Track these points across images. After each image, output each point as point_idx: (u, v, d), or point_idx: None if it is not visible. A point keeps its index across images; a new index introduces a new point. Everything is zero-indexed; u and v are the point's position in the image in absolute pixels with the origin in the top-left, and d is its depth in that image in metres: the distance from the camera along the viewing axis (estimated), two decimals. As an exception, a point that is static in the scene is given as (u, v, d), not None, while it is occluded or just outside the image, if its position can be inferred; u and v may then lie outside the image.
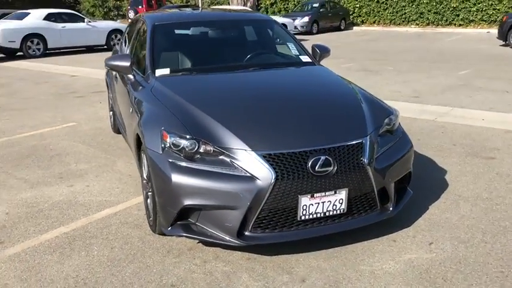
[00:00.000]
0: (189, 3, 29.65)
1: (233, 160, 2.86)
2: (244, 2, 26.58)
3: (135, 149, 3.64)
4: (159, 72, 3.85)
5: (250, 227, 2.87)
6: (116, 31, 17.39)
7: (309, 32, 22.32)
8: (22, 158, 5.17)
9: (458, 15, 22.34)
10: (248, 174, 2.80)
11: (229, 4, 28.29)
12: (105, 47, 17.09)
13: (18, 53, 15.37)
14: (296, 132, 3.03)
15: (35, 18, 15.54)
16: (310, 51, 4.58)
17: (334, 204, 2.94)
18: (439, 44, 16.64)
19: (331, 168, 2.87)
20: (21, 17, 15.71)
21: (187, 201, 2.85)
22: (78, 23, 16.40)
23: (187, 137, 2.94)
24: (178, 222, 2.98)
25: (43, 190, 4.26)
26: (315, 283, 2.79)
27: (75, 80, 10.66)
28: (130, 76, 4.03)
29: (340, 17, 24.04)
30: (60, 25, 15.79)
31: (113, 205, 3.91)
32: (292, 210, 2.88)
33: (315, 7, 23.26)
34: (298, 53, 4.42)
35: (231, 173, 2.83)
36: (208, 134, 2.96)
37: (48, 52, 15.72)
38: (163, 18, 4.58)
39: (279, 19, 16.33)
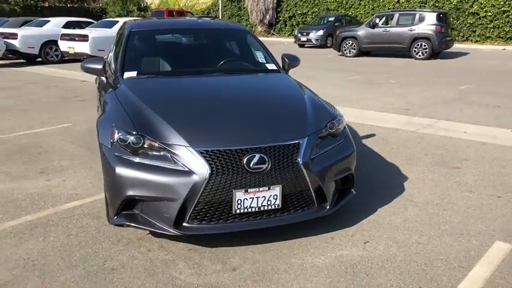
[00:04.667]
0: (209, 15, 30.24)
1: (173, 156, 3.08)
2: (263, 15, 27.06)
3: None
4: (127, 74, 4.12)
5: (187, 218, 3.07)
6: None
7: (323, 46, 22.52)
8: (11, 154, 5.50)
9: (474, 32, 22.22)
10: (186, 169, 3.02)
11: (248, 17, 28.81)
12: None
13: (38, 59, 15.98)
14: (235, 131, 3.24)
15: (53, 25, 16.19)
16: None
17: (268, 200, 3.13)
18: (450, 60, 16.63)
19: (266, 165, 3.07)
20: (41, 24, 16.40)
21: (129, 192, 3.07)
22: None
23: (133, 132, 3.17)
24: (123, 212, 3.20)
25: (21, 183, 4.55)
26: (244, 272, 2.97)
27: (84, 85, 11.09)
28: (103, 78, 4.31)
29: (355, 31, 24.15)
30: None
31: (81, 198, 4.17)
32: (227, 204, 3.08)
33: (331, 21, 23.47)
34: (265, 61, 4.64)
35: (170, 167, 3.05)
36: (153, 131, 3.19)
37: (66, 59, 16.24)
38: (141, 25, 4.87)
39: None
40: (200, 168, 3.00)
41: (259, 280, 2.89)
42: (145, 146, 3.15)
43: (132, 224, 3.17)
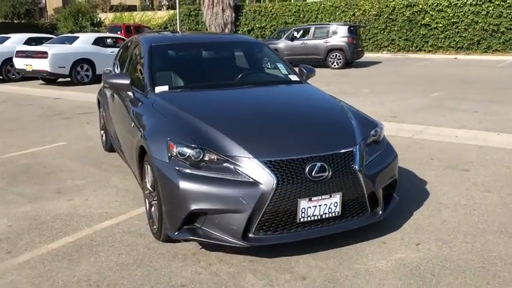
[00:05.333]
0: (167, 29, 30.04)
1: (236, 167, 3.08)
2: (222, 29, 27.21)
3: (137, 162, 3.82)
4: (158, 89, 4.07)
5: (253, 229, 3.08)
6: None
7: (285, 58, 22.90)
8: (16, 175, 5.27)
9: (427, 42, 23.31)
10: (251, 180, 3.03)
11: (207, 31, 28.88)
12: None
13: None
14: (293, 141, 3.29)
15: (14, 42, 15.55)
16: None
17: (329, 207, 3.19)
18: (410, 69, 17.35)
19: (326, 173, 3.13)
20: (1, 41, 15.70)
21: (194, 206, 3.05)
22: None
23: (193, 146, 3.16)
24: (185, 227, 3.16)
25: (43, 204, 4.37)
26: (315, 280, 3.00)
27: (59, 102, 10.75)
28: (130, 93, 4.23)
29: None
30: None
31: (114, 216, 4.06)
32: (292, 213, 3.11)
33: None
34: (287, 73, 4.72)
35: (235, 178, 3.05)
36: (212, 144, 3.18)
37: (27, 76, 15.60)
38: (159, 40, 4.84)
39: None
40: (266, 178, 3.02)
41: (334, 287, 2.93)
42: (206, 158, 3.14)
43: (197, 238, 3.14)
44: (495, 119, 7.94)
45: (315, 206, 3.14)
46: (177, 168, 3.13)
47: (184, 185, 3.05)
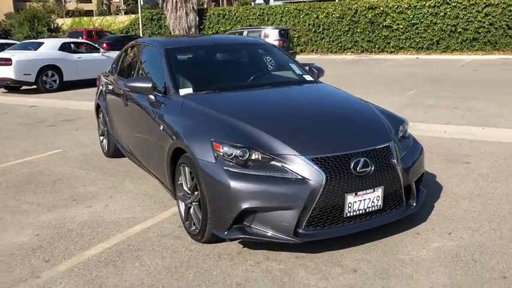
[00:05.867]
0: (128, 34, 29.57)
1: (284, 165, 3.14)
2: (186, 32, 27.04)
3: (168, 165, 3.80)
4: (183, 91, 4.06)
5: (303, 225, 3.13)
6: None
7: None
8: (22, 184, 5.10)
9: (389, 43, 24.02)
10: (300, 177, 3.09)
11: (170, 34, 28.65)
12: None
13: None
14: (335, 138, 3.38)
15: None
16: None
17: (373, 201, 3.29)
18: (377, 69, 17.84)
19: (369, 168, 3.23)
20: None
21: (246, 205, 3.08)
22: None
23: (239, 145, 3.19)
24: (234, 226, 3.19)
25: (63, 212, 4.26)
26: (366, 272, 3.09)
27: (36, 110, 10.43)
28: (151, 96, 4.19)
29: (280, 46, 25.06)
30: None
31: (142, 221, 4.01)
32: (339, 208, 3.19)
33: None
34: (301, 73, 4.81)
35: (284, 176, 3.10)
36: (257, 143, 3.22)
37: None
38: (172, 43, 4.81)
39: None
40: (315, 175, 3.09)
41: (386, 277, 3.02)
42: (252, 158, 3.17)
43: (248, 237, 3.16)
44: (475, 114, 8.31)
45: (360, 201, 3.23)
46: (225, 168, 3.15)
47: (235, 184, 3.08)
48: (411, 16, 23.18)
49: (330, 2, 25.21)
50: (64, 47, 14.99)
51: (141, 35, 28.80)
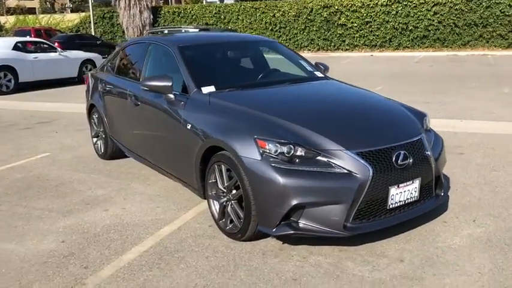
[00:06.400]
0: (79, 32, 28.57)
1: (330, 160, 3.18)
2: (140, 31, 26.49)
3: (199, 164, 3.74)
4: (206, 89, 4.01)
5: (351, 219, 3.19)
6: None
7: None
8: (22, 190, 4.85)
9: (344, 41, 24.61)
10: (347, 171, 3.15)
11: (123, 34, 27.97)
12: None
13: None
14: (374, 132, 3.46)
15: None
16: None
17: (411, 193, 3.40)
18: (338, 67, 18.23)
19: (409, 160, 3.34)
20: None
21: (296, 201, 3.09)
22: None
23: (284, 142, 3.20)
24: (283, 222, 3.19)
25: (80, 217, 4.10)
26: (413, 261, 3.19)
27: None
28: (171, 95, 4.11)
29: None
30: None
31: (168, 222, 3.93)
32: (382, 201, 3.27)
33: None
34: (311, 69, 4.87)
35: (332, 171, 3.15)
36: (300, 139, 3.24)
37: None
38: (184, 40, 4.72)
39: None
40: (362, 169, 3.15)
41: (434, 264, 3.14)
42: (298, 154, 3.19)
43: (298, 232, 3.18)
44: (448, 108, 8.70)
45: (401, 192, 3.33)
46: (273, 164, 3.15)
47: (285, 180, 3.08)
48: (365, 14, 23.85)
49: (286, 1, 25.49)
50: (18, 47, 14.26)
51: (93, 34, 27.92)
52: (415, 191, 3.42)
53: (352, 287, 2.90)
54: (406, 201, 3.39)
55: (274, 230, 3.21)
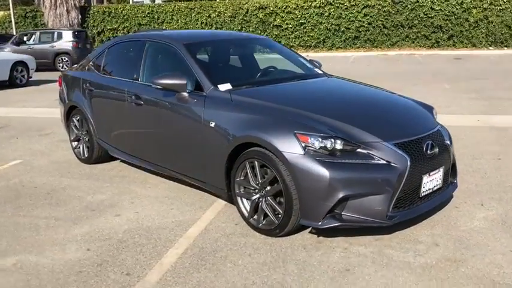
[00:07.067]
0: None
1: (370, 152, 3.27)
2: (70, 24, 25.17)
3: (224, 162, 3.68)
4: (222, 87, 3.95)
5: (391, 208, 3.30)
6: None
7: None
8: (11, 200, 4.49)
9: (280, 42, 25.06)
10: (386, 162, 3.26)
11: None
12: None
13: None
14: (403, 124, 3.62)
15: None
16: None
17: (437, 180, 3.59)
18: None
19: (435, 149, 3.52)
20: None
21: (343, 193, 3.16)
22: None
23: (326, 135, 3.25)
24: (328, 215, 3.24)
25: (95, 224, 3.88)
26: (447, 244, 3.37)
27: None
28: (185, 94, 4.00)
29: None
30: None
31: (192, 223, 3.84)
32: (416, 189, 3.42)
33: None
34: (311, 66, 4.96)
35: (373, 162, 3.24)
36: (340, 132, 3.31)
37: None
38: (187, 38, 4.59)
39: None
40: (400, 159, 3.27)
41: (467, 247, 3.32)
42: (338, 147, 3.25)
43: (344, 224, 3.24)
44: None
45: (431, 180, 3.50)
46: (317, 158, 3.19)
47: (331, 173, 3.14)
48: (299, 16, 24.46)
49: (221, 1, 25.49)
50: None
51: (14, 34, 26.16)
52: (440, 179, 3.61)
53: (406, 273, 3.01)
54: (433, 189, 3.57)
55: (319, 223, 3.25)
